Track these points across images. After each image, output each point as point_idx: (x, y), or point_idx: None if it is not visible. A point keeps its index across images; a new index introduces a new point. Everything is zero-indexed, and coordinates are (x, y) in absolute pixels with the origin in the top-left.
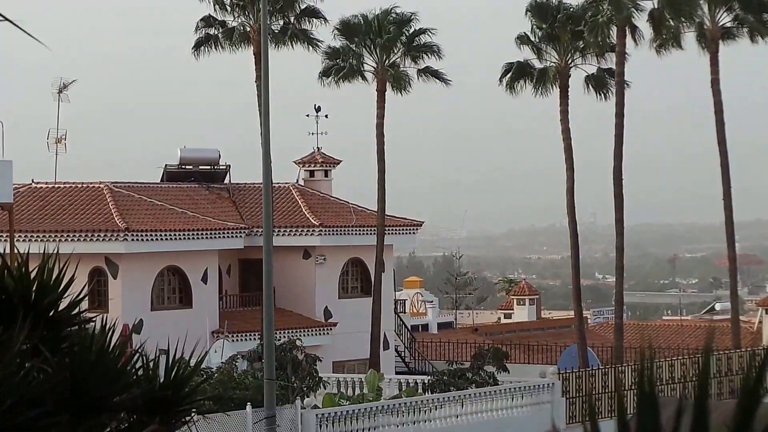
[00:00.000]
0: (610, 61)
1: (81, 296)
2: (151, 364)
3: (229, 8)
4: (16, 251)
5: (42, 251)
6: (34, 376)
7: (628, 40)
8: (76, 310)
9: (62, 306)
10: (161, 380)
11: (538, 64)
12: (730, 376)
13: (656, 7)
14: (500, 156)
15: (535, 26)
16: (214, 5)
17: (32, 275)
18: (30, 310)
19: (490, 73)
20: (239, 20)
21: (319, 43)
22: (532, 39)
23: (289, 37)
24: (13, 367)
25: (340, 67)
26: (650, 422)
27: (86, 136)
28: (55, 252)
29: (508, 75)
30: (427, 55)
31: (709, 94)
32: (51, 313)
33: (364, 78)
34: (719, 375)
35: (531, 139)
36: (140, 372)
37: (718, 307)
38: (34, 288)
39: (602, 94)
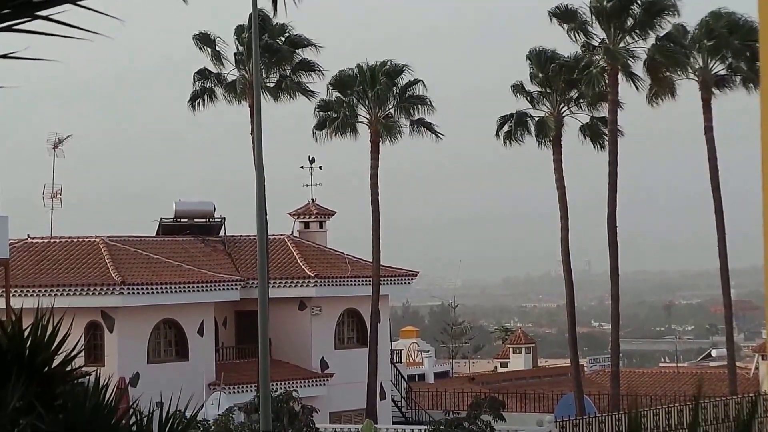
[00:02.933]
0: (604, 110)
1: (75, 353)
2: (145, 419)
3: (224, 61)
4: (11, 307)
5: (37, 307)
6: None
7: (624, 88)
8: (71, 366)
9: (56, 362)
10: None
11: (532, 113)
12: (727, 422)
13: (649, 55)
14: (494, 204)
15: (532, 73)
16: (212, 58)
17: (26, 332)
18: (24, 367)
19: (484, 121)
20: (235, 73)
21: (314, 95)
22: (527, 88)
23: (283, 90)
24: (7, 424)
25: (333, 119)
26: None
27: (82, 190)
28: (49, 308)
29: (506, 126)
30: (418, 106)
31: (703, 140)
32: (45, 370)
33: (356, 130)
34: (716, 422)
35: (525, 188)
36: (134, 428)
37: (714, 353)
38: (27, 345)
39: (598, 144)
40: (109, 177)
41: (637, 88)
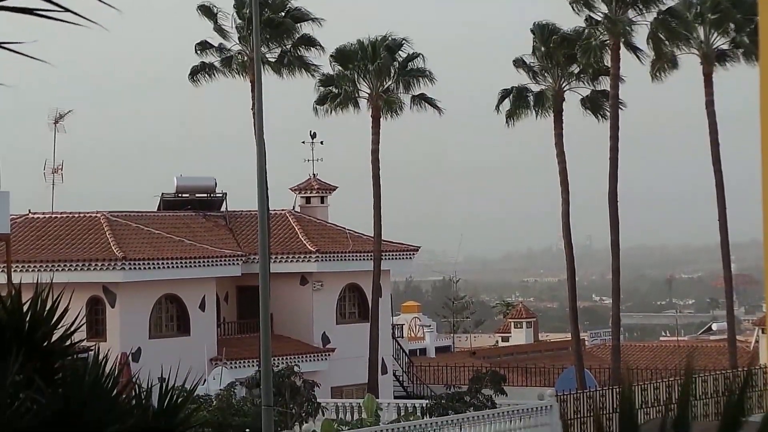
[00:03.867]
0: (605, 84)
1: (74, 327)
2: (144, 393)
3: (227, 35)
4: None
5: (36, 281)
6: (27, 408)
7: (626, 63)
8: (70, 340)
9: (56, 337)
10: (155, 408)
11: (533, 88)
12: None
13: (651, 29)
14: (495, 179)
15: (535, 47)
16: (214, 30)
17: (26, 307)
18: (23, 341)
19: (484, 96)
20: (237, 47)
21: (316, 70)
22: (528, 62)
23: (285, 65)
24: (6, 399)
25: (334, 94)
26: None
27: (83, 165)
28: (49, 282)
29: (506, 100)
30: (418, 80)
31: (705, 115)
32: (44, 344)
33: (357, 105)
34: (716, 395)
35: (526, 162)
36: (134, 402)
37: (714, 327)
38: (27, 320)
39: (599, 116)
40: (111, 152)
41: (640, 60)
